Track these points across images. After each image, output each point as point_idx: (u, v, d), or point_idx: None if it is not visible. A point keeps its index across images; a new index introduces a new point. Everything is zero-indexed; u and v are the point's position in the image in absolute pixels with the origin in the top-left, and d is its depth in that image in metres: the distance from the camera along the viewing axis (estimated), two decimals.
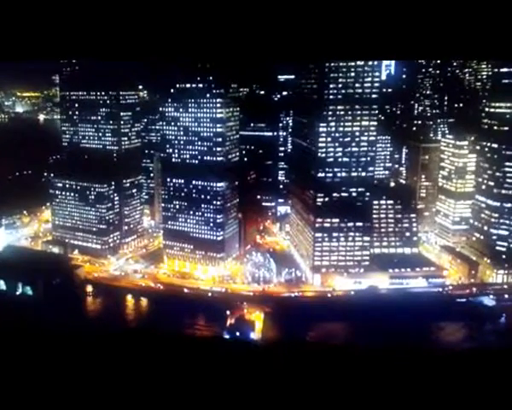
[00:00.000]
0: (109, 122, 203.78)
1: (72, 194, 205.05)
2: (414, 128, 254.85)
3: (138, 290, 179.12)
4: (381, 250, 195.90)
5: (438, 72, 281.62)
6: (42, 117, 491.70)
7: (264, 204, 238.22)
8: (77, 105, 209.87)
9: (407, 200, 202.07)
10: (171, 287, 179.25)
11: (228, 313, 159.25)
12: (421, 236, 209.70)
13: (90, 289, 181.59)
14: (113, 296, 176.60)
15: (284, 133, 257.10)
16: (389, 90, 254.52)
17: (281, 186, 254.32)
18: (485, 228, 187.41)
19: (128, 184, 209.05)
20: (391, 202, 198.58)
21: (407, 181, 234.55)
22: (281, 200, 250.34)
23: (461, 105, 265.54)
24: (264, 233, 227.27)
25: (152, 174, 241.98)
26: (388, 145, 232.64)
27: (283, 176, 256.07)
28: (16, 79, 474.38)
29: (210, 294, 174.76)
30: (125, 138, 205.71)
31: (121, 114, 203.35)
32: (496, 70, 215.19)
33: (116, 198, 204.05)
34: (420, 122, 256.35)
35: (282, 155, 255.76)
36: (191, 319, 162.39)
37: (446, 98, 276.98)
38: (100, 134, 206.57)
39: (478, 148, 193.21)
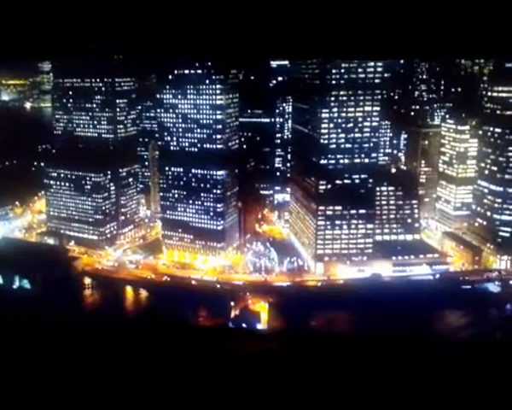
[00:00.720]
0: (105, 110, 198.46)
1: (67, 184, 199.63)
2: (412, 113, 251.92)
3: (139, 282, 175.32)
4: (383, 237, 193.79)
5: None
6: (28, 105, 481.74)
7: (261, 192, 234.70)
8: (71, 92, 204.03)
9: (408, 186, 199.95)
10: (176, 279, 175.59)
11: (232, 304, 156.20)
12: (421, 222, 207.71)
13: (88, 281, 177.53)
14: (113, 289, 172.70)
15: (281, 120, 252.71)
16: (386, 74, 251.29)
17: (277, 174, 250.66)
18: (488, 213, 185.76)
19: (124, 174, 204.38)
20: (392, 188, 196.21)
21: (406, 167, 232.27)
22: (278, 188, 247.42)
23: (458, 89, 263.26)
24: (262, 222, 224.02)
25: (146, 163, 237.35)
26: (388, 131, 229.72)
27: (280, 163, 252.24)
28: (0, 66, 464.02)
29: (218, 285, 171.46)
30: (121, 126, 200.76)
31: (117, 101, 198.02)
32: None
33: (112, 188, 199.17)
34: (418, 107, 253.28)
35: (279, 141, 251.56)
36: (194, 310, 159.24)
37: (443, 83, 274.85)
38: (95, 122, 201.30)
39: (480, 132, 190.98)
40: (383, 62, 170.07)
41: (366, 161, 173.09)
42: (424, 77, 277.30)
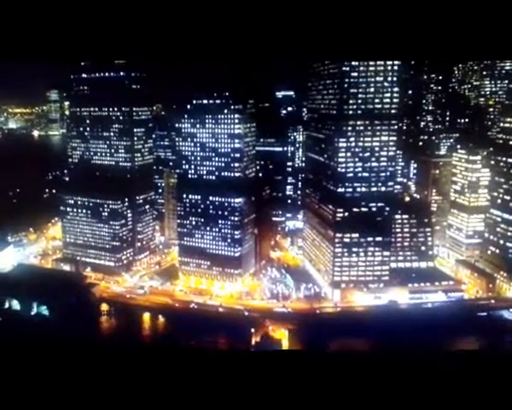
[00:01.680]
0: (122, 138, 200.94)
1: (84, 211, 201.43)
2: (420, 143, 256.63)
3: (157, 309, 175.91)
4: (397, 265, 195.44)
5: (439, 88, 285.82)
6: (36, 133, 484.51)
7: (274, 219, 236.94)
8: (88, 121, 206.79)
9: (422, 214, 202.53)
10: (204, 307, 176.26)
11: (252, 330, 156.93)
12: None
13: (106, 307, 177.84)
14: (132, 316, 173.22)
15: (292, 148, 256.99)
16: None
17: (289, 201, 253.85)
18: (501, 242, 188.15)
19: (141, 201, 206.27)
20: (406, 216, 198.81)
21: (418, 196, 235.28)
22: (289, 215, 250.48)
23: (465, 120, 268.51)
24: (276, 248, 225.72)
25: (160, 190, 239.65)
26: (399, 160, 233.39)
27: (291, 191, 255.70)
28: (7, 94, 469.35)
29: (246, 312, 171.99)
30: (139, 155, 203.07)
31: (134, 130, 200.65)
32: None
33: (129, 215, 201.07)
34: (426, 137, 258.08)
35: (290, 170, 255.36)
36: (213, 337, 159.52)
37: (448, 114, 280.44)
38: (112, 150, 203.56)
39: (492, 162, 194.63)
40: (399, 93, 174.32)
41: (383, 189, 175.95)
42: (430, 108, 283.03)
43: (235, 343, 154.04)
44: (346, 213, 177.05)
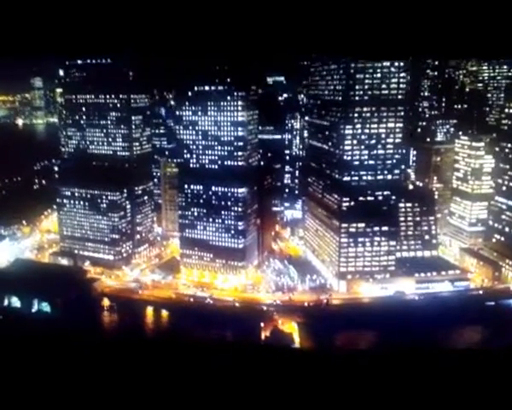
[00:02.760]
0: (120, 127, 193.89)
1: (81, 202, 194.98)
2: (419, 130, 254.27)
3: (162, 304, 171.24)
4: (402, 254, 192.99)
5: (435, 74, 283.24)
6: (20, 122, 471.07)
7: (273, 209, 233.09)
8: (84, 109, 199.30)
9: (425, 202, 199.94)
10: (222, 302, 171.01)
11: (262, 325, 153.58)
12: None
13: (108, 303, 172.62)
14: (135, 310, 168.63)
15: (289, 136, 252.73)
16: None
17: (286, 190, 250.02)
18: (507, 229, 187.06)
19: (140, 192, 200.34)
20: (410, 204, 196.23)
21: (418, 183, 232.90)
22: (287, 204, 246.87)
23: (462, 106, 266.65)
24: (277, 239, 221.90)
25: (156, 180, 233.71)
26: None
27: (289, 179, 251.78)
28: None
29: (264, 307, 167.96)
30: (137, 143, 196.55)
31: (132, 118, 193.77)
32: None
33: (128, 206, 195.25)
34: (424, 124, 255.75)
35: (288, 158, 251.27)
36: (222, 332, 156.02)
37: (444, 100, 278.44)
38: (110, 139, 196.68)
39: (496, 149, 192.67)
40: (405, 79, 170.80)
41: (389, 177, 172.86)
42: (426, 94, 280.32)
43: (245, 338, 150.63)
44: (352, 203, 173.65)
